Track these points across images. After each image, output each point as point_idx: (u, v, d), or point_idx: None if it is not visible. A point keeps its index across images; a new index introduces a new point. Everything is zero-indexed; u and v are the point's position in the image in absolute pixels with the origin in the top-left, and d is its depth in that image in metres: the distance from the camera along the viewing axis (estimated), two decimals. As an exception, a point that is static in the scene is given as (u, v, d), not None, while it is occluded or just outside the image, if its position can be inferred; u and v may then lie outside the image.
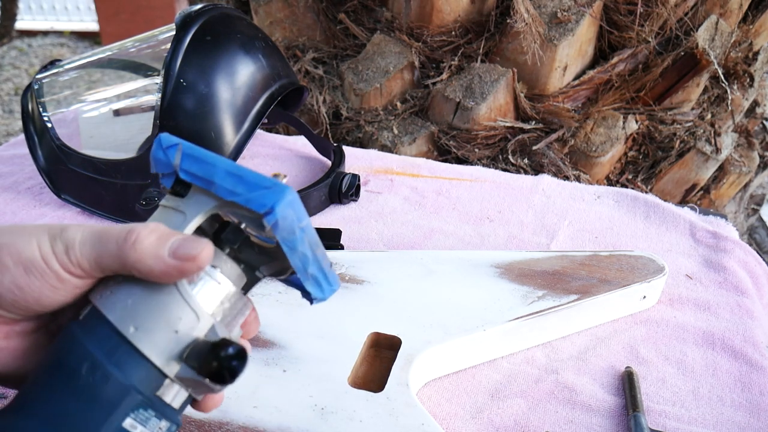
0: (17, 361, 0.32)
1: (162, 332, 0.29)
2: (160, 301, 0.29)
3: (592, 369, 0.58)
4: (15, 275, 0.29)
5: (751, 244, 1.73)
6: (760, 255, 0.75)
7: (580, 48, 1.14)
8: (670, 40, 1.18)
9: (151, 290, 0.30)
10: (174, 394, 0.30)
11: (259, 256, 0.34)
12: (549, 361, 0.59)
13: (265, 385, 0.52)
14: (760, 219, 1.78)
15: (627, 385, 0.56)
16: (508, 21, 1.09)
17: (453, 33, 1.16)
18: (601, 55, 1.20)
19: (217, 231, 0.33)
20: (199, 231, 0.33)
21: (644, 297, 0.64)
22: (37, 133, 0.81)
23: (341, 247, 0.72)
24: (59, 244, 0.30)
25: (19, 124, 2.89)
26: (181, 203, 0.32)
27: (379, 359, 0.56)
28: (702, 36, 1.15)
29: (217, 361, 0.28)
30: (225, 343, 0.29)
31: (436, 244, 0.76)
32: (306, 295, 0.34)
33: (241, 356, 0.29)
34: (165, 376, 0.29)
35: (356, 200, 0.86)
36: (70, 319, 0.31)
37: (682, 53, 1.16)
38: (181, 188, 0.32)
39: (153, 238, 0.29)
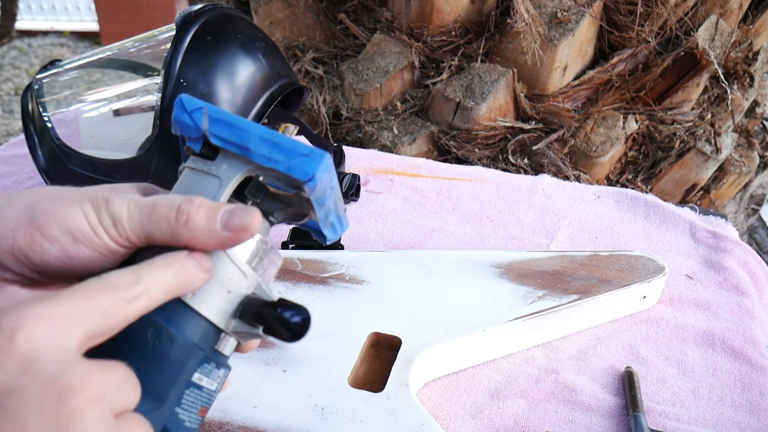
0: None
1: (216, 293, 0.31)
2: (213, 266, 0.31)
3: (592, 369, 0.58)
4: (64, 244, 0.30)
5: (751, 244, 1.73)
6: (760, 255, 0.75)
7: (580, 48, 1.14)
8: (670, 40, 1.18)
9: None
10: (228, 346, 0.33)
11: (273, 202, 0.35)
12: (549, 361, 0.59)
13: (265, 385, 0.52)
14: (760, 219, 1.78)
15: (627, 385, 0.56)
16: (508, 21, 1.09)
17: (453, 33, 1.16)
18: (601, 55, 1.20)
19: (241, 186, 0.34)
20: None
21: (644, 297, 0.64)
22: (37, 133, 0.81)
23: (341, 247, 0.72)
24: (106, 217, 0.30)
25: (19, 124, 2.89)
26: (212, 166, 0.33)
27: (379, 359, 0.56)
28: (702, 36, 1.15)
29: (279, 322, 0.31)
30: (282, 302, 0.31)
31: (436, 244, 0.76)
32: (319, 236, 0.36)
33: (302, 313, 0.31)
34: (221, 331, 0.32)
35: (356, 200, 0.86)
36: None
37: (682, 53, 1.16)
38: (209, 151, 0.33)
39: (202, 214, 0.30)
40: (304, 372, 0.53)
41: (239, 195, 0.34)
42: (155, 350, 0.30)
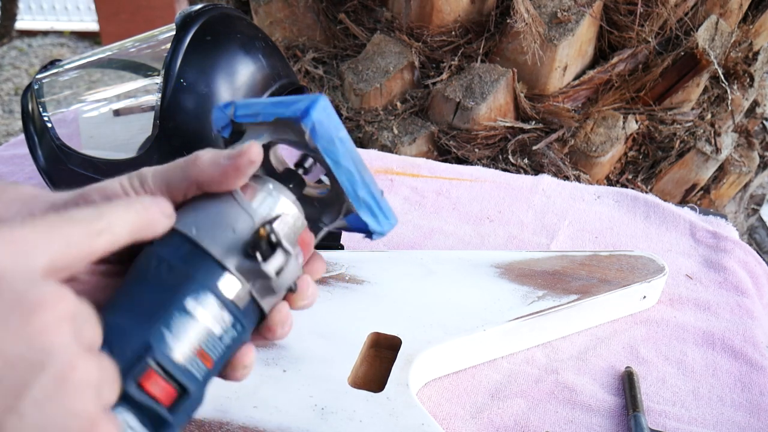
0: (102, 296, 0.35)
1: (221, 231, 0.32)
2: (220, 207, 0.33)
3: (592, 369, 0.58)
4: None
5: (751, 244, 1.72)
6: (760, 255, 0.75)
7: (580, 48, 1.14)
8: (670, 40, 1.18)
9: (212, 201, 0.33)
10: (235, 290, 0.32)
11: (317, 209, 0.37)
12: (549, 361, 0.59)
13: (265, 385, 0.52)
14: (760, 219, 1.78)
15: (627, 385, 0.56)
16: (508, 21, 1.09)
17: (453, 33, 1.16)
18: (601, 55, 1.20)
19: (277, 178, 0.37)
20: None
21: (644, 297, 0.64)
22: (37, 133, 0.81)
23: (341, 247, 0.72)
24: (135, 179, 0.34)
25: (19, 124, 2.89)
26: (238, 145, 0.35)
27: (379, 359, 0.56)
28: (702, 36, 1.15)
29: (258, 236, 0.32)
30: (266, 233, 0.32)
31: (436, 244, 0.76)
32: (365, 229, 0.36)
33: (276, 244, 0.32)
34: (225, 268, 0.32)
35: (356, 200, 0.86)
36: None
37: (682, 53, 1.16)
38: (236, 136, 0.37)
39: (211, 153, 0.34)
40: (304, 372, 0.53)
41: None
42: (155, 277, 0.31)
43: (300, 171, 0.37)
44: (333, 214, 0.37)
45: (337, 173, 0.34)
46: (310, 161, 0.37)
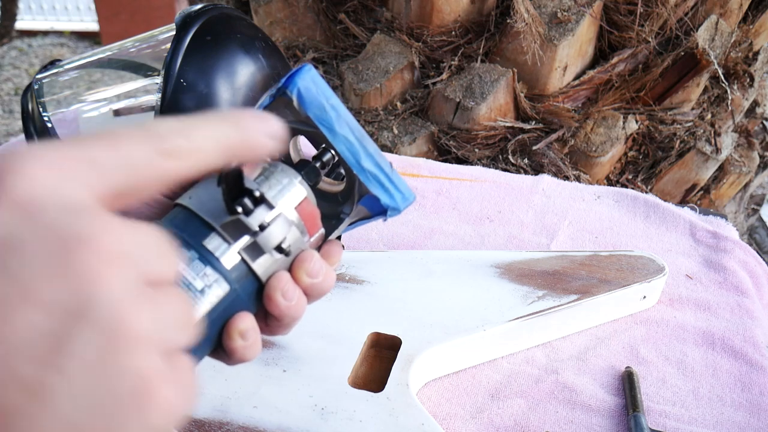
0: None
1: (211, 196, 0.32)
2: (215, 179, 0.32)
3: (592, 369, 0.58)
4: None
5: (751, 245, 1.72)
6: (760, 255, 0.75)
7: (580, 48, 1.14)
8: (670, 40, 1.18)
9: (211, 177, 0.33)
10: (221, 248, 0.32)
11: (336, 203, 0.37)
12: (549, 361, 0.59)
13: (265, 385, 0.52)
14: (760, 219, 1.78)
15: (627, 385, 0.56)
16: (508, 21, 1.09)
17: (453, 33, 1.16)
18: (601, 55, 1.20)
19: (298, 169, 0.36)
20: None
21: (644, 297, 0.64)
22: (38, 133, 0.81)
23: (342, 247, 0.72)
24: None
25: (19, 124, 2.89)
26: None
27: (379, 359, 0.56)
28: (702, 36, 1.15)
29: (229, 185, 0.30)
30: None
31: (436, 244, 0.76)
32: (377, 207, 0.35)
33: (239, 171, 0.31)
34: (211, 228, 0.32)
35: (356, 200, 0.86)
36: None
37: (682, 53, 1.16)
38: None
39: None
40: (304, 372, 0.53)
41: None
42: None
43: (317, 164, 0.36)
44: (350, 202, 0.37)
45: (334, 142, 0.34)
46: (327, 155, 0.36)
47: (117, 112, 0.84)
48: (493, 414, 0.53)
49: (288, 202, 0.34)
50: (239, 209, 0.31)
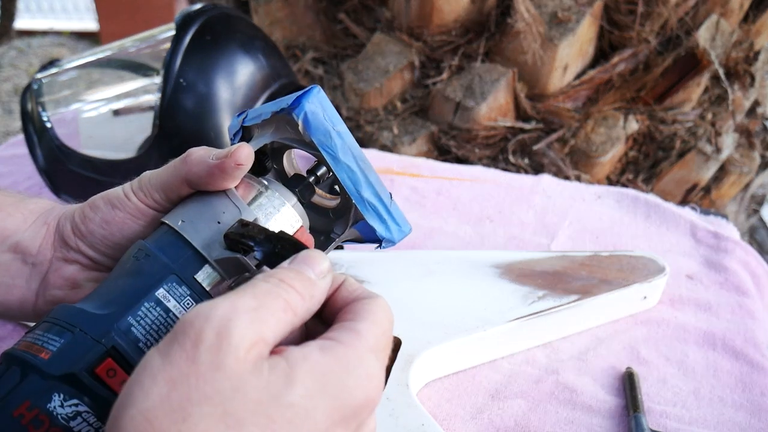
0: None
1: (206, 223, 0.32)
2: (209, 201, 0.33)
3: (592, 369, 0.58)
4: (104, 212, 0.36)
5: (752, 245, 1.72)
6: (761, 255, 0.75)
7: (581, 48, 1.14)
8: (670, 40, 1.18)
9: (204, 197, 0.33)
10: (213, 282, 0.32)
11: (329, 220, 0.37)
12: (549, 362, 0.59)
13: (265, 385, 0.51)
14: (761, 219, 1.77)
15: (628, 385, 0.55)
16: (508, 20, 1.09)
17: (453, 33, 1.15)
18: (601, 55, 1.20)
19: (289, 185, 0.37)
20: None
21: (645, 297, 0.64)
22: (37, 133, 0.80)
23: (341, 247, 0.72)
24: (136, 182, 0.36)
25: (18, 123, 2.89)
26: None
27: (379, 360, 0.55)
28: (703, 36, 1.15)
29: (238, 234, 0.31)
30: (253, 223, 0.31)
31: (436, 244, 0.76)
32: (372, 235, 0.35)
33: (249, 225, 0.31)
34: (205, 260, 0.32)
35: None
36: None
37: (683, 53, 1.16)
38: (246, 138, 0.37)
39: (202, 151, 0.34)
40: (303, 372, 0.52)
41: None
42: (133, 267, 0.31)
43: (311, 179, 0.36)
44: (343, 223, 0.36)
45: (336, 169, 0.33)
46: (322, 169, 0.36)
47: (116, 112, 0.83)
48: (494, 414, 0.53)
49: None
50: (240, 254, 0.31)
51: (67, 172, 0.78)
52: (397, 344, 0.55)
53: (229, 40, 0.75)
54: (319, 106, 0.32)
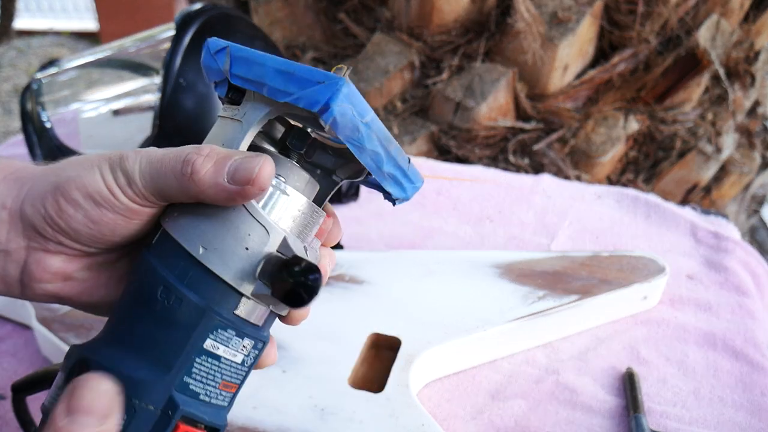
0: (103, 291, 0.33)
1: (232, 250, 0.28)
2: (228, 219, 0.28)
3: (592, 369, 0.58)
4: (87, 209, 0.29)
5: (752, 245, 1.72)
6: (762, 255, 0.75)
7: (581, 47, 1.14)
8: (671, 40, 1.18)
9: (217, 209, 0.28)
10: (254, 312, 0.29)
11: (333, 158, 0.32)
12: (549, 362, 0.59)
13: (265, 385, 0.51)
14: (761, 219, 1.77)
15: (628, 385, 0.55)
16: (508, 20, 1.09)
17: (453, 33, 1.15)
18: (602, 55, 1.20)
19: (284, 136, 0.32)
20: (265, 138, 0.32)
21: (645, 297, 0.64)
22: (36, 133, 0.80)
23: (341, 247, 0.72)
24: (120, 176, 0.29)
25: (18, 123, 2.89)
26: (237, 111, 0.30)
27: (379, 360, 0.55)
28: (703, 36, 1.15)
29: (291, 278, 0.26)
30: (297, 260, 0.27)
31: (436, 244, 0.76)
32: (387, 195, 0.32)
33: (312, 271, 0.26)
34: (241, 294, 0.28)
35: (356, 200, 0.85)
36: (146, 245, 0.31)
37: (683, 53, 1.16)
38: (235, 95, 0.30)
39: (209, 166, 0.28)
40: (304, 373, 0.52)
41: (283, 148, 0.31)
42: (164, 311, 0.28)
43: (308, 131, 0.31)
44: (351, 170, 0.33)
45: (361, 157, 0.29)
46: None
47: (116, 112, 0.83)
48: (494, 415, 0.53)
49: (313, 236, 0.32)
50: (294, 307, 0.27)
51: (67, 172, 0.78)
52: (397, 344, 0.55)
53: (229, 40, 0.75)
54: (348, 104, 0.27)
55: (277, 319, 0.32)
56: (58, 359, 0.57)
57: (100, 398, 0.25)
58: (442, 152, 1.18)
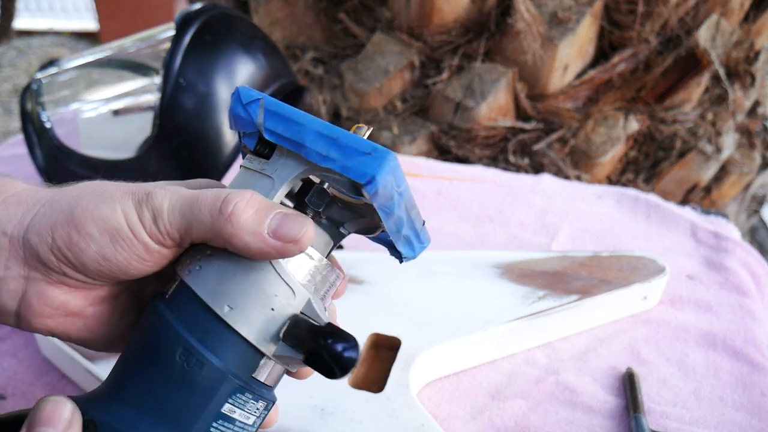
0: (104, 326, 0.32)
1: (257, 310, 0.27)
2: (255, 277, 0.27)
3: (592, 370, 0.58)
4: (101, 245, 0.28)
5: (752, 245, 1.72)
6: (762, 255, 0.75)
7: (581, 47, 1.14)
8: (671, 40, 1.18)
9: (243, 266, 0.27)
10: (272, 373, 0.29)
11: (344, 211, 0.32)
12: (549, 362, 0.59)
13: (265, 385, 0.51)
14: (761, 219, 1.77)
15: (628, 385, 0.55)
16: (508, 20, 1.09)
17: (453, 33, 1.15)
18: (602, 55, 1.20)
19: (300, 191, 0.31)
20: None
21: (645, 297, 0.64)
22: (36, 133, 0.80)
23: (341, 247, 0.72)
24: (146, 212, 0.28)
25: (18, 123, 2.88)
26: (266, 166, 0.29)
27: (379, 360, 0.55)
28: (703, 36, 1.15)
29: (327, 350, 0.26)
30: (334, 331, 0.26)
31: (436, 244, 0.76)
32: (395, 253, 0.32)
33: (352, 348, 0.26)
34: (262, 355, 0.28)
35: (356, 200, 0.85)
36: (155, 289, 0.30)
37: (683, 53, 1.16)
38: (265, 149, 0.29)
39: (251, 212, 0.27)
40: (303, 373, 0.52)
41: (300, 202, 0.30)
42: (183, 374, 0.27)
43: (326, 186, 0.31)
44: (361, 225, 0.33)
45: (387, 222, 0.29)
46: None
47: (116, 112, 0.83)
48: (494, 415, 0.53)
49: (329, 300, 0.32)
50: (302, 357, 0.27)
51: (67, 172, 0.78)
52: (397, 344, 0.55)
53: (229, 40, 0.75)
54: (391, 176, 0.27)
55: None
56: (58, 359, 0.57)
57: None
58: (442, 152, 1.18)
